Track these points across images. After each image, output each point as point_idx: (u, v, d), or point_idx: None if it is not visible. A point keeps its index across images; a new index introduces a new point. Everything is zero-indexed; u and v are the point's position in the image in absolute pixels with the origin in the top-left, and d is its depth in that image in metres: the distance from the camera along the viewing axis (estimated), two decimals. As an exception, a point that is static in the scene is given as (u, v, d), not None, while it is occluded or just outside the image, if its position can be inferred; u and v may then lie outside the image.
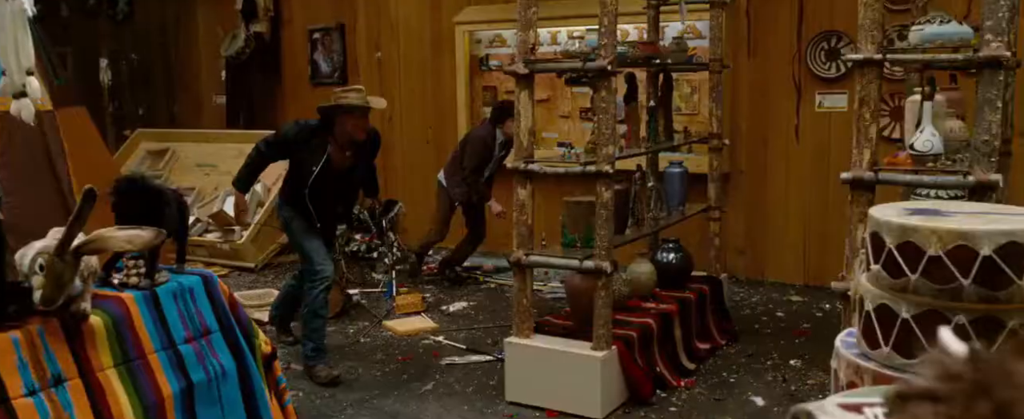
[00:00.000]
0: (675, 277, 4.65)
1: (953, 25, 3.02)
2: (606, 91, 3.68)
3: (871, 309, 1.58)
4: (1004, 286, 1.42)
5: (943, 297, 1.46)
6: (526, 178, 3.88)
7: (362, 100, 4.16)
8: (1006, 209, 1.63)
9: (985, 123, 2.82)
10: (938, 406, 0.63)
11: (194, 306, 2.61)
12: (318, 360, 4.25)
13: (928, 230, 1.46)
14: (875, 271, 1.57)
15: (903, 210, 1.60)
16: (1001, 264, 1.42)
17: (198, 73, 8.57)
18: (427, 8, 7.06)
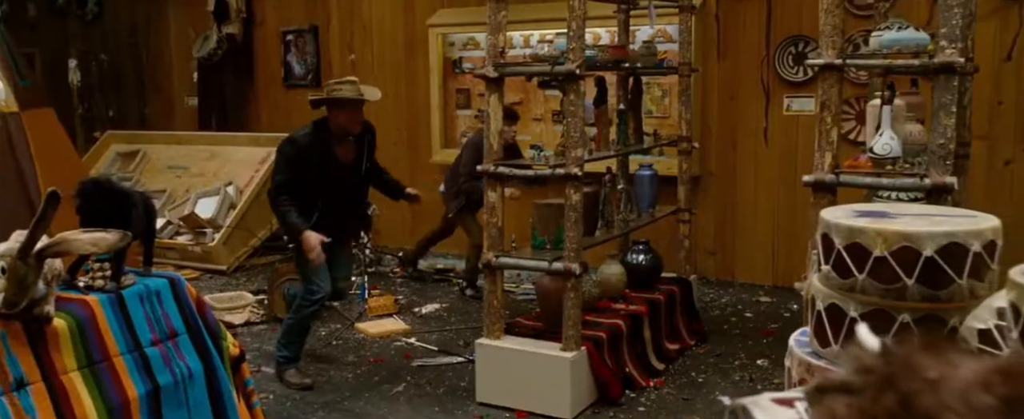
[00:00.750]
0: (645, 278, 4.70)
1: (910, 31, 3.09)
2: (574, 94, 3.72)
3: (822, 309, 1.62)
4: (945, 285, 1.47)
5: (889, 296, 1.51)
6: (496, 181, 3.91)
7: (355, 92, 4.03)
8: (950, 211, 1.69)
9: (941, 127, 2.89)
10: (851, 398, 0.66)
11: (161, 308, 2.61)
12: (291, 366, 4.23)
13: (874, 232, 1.51)
14: (825, 271, 1.62)
15: (852, 212, 1.65)
16: (942, 264, 1.47)
17: (170, 74, 8.50)
18: (400, 10, 7.07)
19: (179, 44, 8.31)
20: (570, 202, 3.74)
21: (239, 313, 5.23)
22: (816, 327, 1.65)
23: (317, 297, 4.12)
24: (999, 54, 4.89)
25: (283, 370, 4.23)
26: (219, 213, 6.57)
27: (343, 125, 4.04)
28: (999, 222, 1.55)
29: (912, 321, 1.50)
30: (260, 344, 4.89)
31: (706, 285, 5.92)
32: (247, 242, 6.59)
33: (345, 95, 4.00)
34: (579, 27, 3.68)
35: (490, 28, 3.82)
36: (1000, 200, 5.08)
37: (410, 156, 7.09)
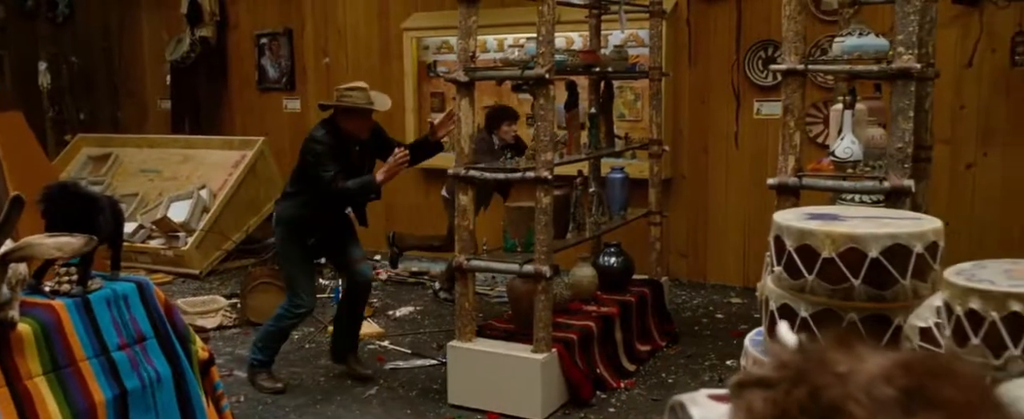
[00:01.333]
0: (616, 280, 4.75)
1: (871, 38, 3.17)
2: (544, 98, 3.76)
3: (775, 309, 1.67)
4: (890, 285, 1.52)
5: (837, 297, 1.56)
6: (467, 184, 3.93)
7: (365, 100, 3.97)
8: (897, 213, 1.74)
9: (899, 131, 2.96)
10: (767, 391, 0.70)
11: (128, 313, 2.61)
12: (263, 369, 4.22)
13: (823, 234, 1.56)
14: (778, 272, 1.67)
15: (803, 214, 1.70)
16: (887, 265, 1.52)
17: (142, 77, 8.44)
18: (375, 14, 7.08)
19: (152, 47, 8.26)
20: (540, 205, 3.78)
21: (212, 317, 5.22)
22: (769, 327, 1.70)
23: (300, 311, 4.10)
24: (961, 60, 5.00)
25: (255, 373, 4.22)
26: (192, 217, 6.53)
27: (352, 131, 4.00)
28: (941, 224, 1.61)
29: (859, 320, 1.55)
30: (233, 348, 4.88)
31: (678, 287, 5.98)
32: (220, 246, 6.56)
33: (355, 103, 3.94)
34: (549, 32, 3.73)
35: (461, 32, 3.86)
36: (962, 203, 5.20)
37: (385, 159, 7.08)
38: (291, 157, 7.59)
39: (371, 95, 4.03)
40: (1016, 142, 4.96)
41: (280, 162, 7.36)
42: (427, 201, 6.80)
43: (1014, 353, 1.14)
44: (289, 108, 7.68)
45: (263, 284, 5.32)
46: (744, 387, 0.73)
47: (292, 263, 4.14)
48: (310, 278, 4.21)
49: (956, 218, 5.23)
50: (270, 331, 4.20)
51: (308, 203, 4.04)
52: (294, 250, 4.11)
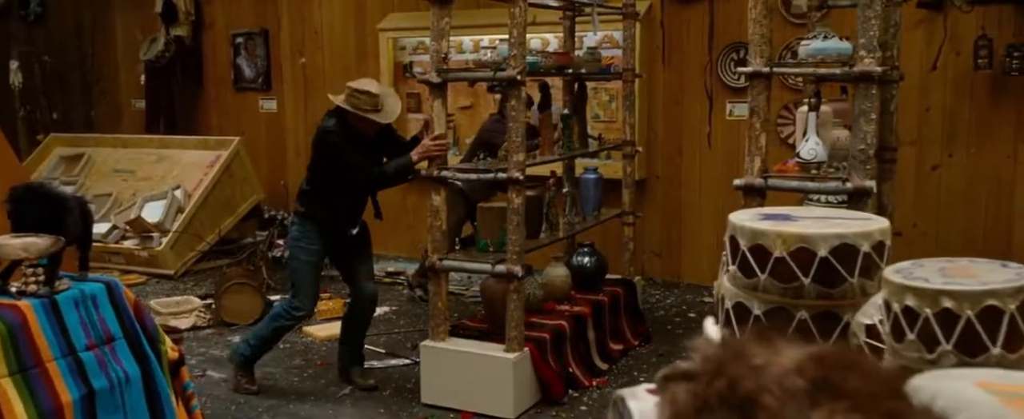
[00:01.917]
0: (590, 280, 4.79)
1: (834, 41, 3.23)
2: (516, 100, 3.79)
3: (729, 307, 1.71)
4: (839, 284, 1.57)
5: (788, 295, 1.61)
6: (439, 184, 3.95)
7: (371, 107, 3.82)
8: (849, 214, 1.79)
9: (861, 133, 3.02)
10: (690, 384, 0.74)
11: (97, 313, 2.61)
12: (247, 367, 4.15)
13: (774, 234, 1.61)
14: (732, 271, 1.71)
15: (757, 215, 1.74)
16: (835, 264, 1.57)
17: (116, 77, 8.37)
18: (351, 15, 7.08)
19: (126, 46, 8.20)
20: (513, 206, 3.81)
21: (185, 317, 5.20)
22: (724, 325, 1.74)
23: (298, 315, 4.04)
24: (926, 63, 5.09)
25: (239, 369, 4.17)
26: (166, 217, 6.50)
27: (358, 129, 3.90)
28: (888, 224, 1.66)
29: (809, 318, 1.60)
30: (206, 349, 4.87)
31: (653, 286, 6.04)
32: (195, 246, 6.53)
33: (360, 109, 3.82)
34: (521, 34, 3.76)
35: (433, 34, 3.88)
36: (928, 203, 5.30)
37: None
38: (268, 157, 7.63)
39: (381, 99, 3.88)
40: (979, 144, 5.07)
41: (256, 162, 7.35)
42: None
43: (946, 348, 1.19)
44: (265, 108, 7.66)
45: (237, 285, 5.31)
46: (670, 380, 0.76)
47: (301, 262, 4.04)
48: (315, 282, 4.09)
49: (922, 218, 5.34)
50: (262, 334, 4.13)
51: (330, 199, 3.97)
52: (305, 249, 4.02)
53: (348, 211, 4.07)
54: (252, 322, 5.22)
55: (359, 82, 3.96)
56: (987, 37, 4.77)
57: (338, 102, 3.89)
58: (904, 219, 5.20)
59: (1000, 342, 1.17)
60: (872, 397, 0.66)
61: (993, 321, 1.17)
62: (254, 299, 5.30)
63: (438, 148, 3.91)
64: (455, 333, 4.14)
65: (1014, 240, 5.00)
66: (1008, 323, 1.17)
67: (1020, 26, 4.74)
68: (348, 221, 4.09)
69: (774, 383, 0.69)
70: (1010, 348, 1.17)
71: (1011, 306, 1.17)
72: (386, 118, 3.90)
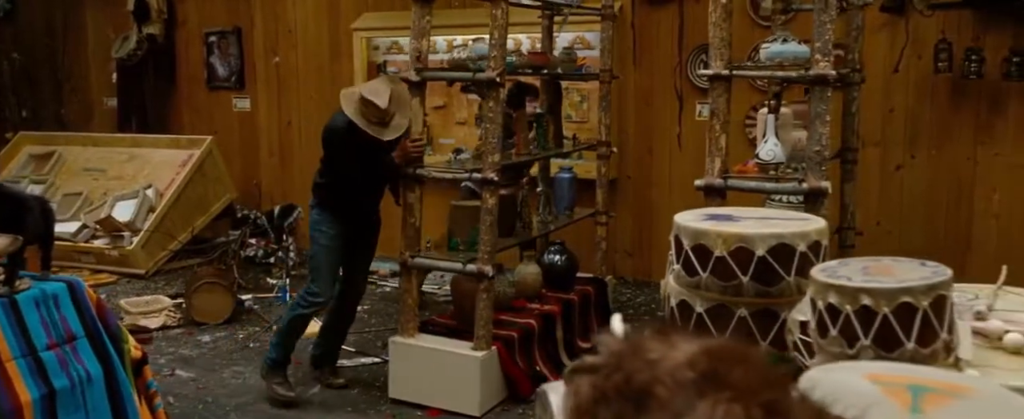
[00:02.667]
0: (560, 278, 4.83)
1: (792, 45, 3.30)
2: (493, 101, 3.79)
3: (674, 305, 1.76)
4: (776, 282, 1.62)
5: (728, 293, 1.66)
6: (415, 182, 3.96)
7: (379, 118, 3.75)
8: (788, 214, 1.85)
9: (817, 135, 3.09)
10: (592, 377, 0.78)
11: (58, 312, 2.62)
12: (277, 371, 4.05)
13: (715, 234, 1.66)
14: (677, 270, 1.76)
15: (701, 215, 1.80)
16: (773, 263, 1.62)
17: (88, 75, 8.30)
18: (324, 14, 7.07)
19: (98, 44, 8.13)
20: (486, 206, 3.82)
21: (155, 317, 5.18)
22: (669, 322, 1.79)
23: (317, 301, 3.97)
24: (890, 65, 5.19)
25: (271, 376, 4.04)
26: (137, 216, 6.47)
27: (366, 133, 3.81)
28: (825, 224, 1.71)
29: (749, 315, 1.65)
30: (175, 348, 4.86)
31: (624, 285, 6.10)
32: (166, 246, 6.50)
33: (367, 121, 3.74)
34: (502, 36, 3.76)
35: (413, 32, 3.87)
36: (892, 203, 5.40)
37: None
38: (241, 156, 7.61)
39: (389, 113, 3.76)
40: (940, 145, 5.17)
41: (229, 161, 7.32)
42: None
43: (865, 343, 1.24)
44: (239, 107, 7.64)
45: (208, 284, 5.30)
46: (575, 373, 0.81)
47: (319, 247, 4.00)
48: (334, 269, 4.03)
49: (886, 218, 5.44)
50: (282, 330, 4.07)
51: (343, 189, 3.97)
52: (325, 233, 3.98)
53: (364, 199, 4.07)
54: (222, 322, 5.23)
55: (373, 90, 3.82)
56: (947, 41, 4.87)
57: (348, 112, 3.79)
58: (868, 218, 5.30)
59: (914, 337, 1.23)
60: (752, 388, 0.70)
61: (907, 317, 1.23)
62: (225, 298, 5.30)
63: (416, 149, 3.91)
64: (425, 329, 4.16)
65: (973, 238, 5.11)
66: (921, 319, 1.23)
67: (978, 30, 4.85)
68: (366, 208, 4.10)
69: (667, 375, 0.74)
70: (923, 343, 1.23)
71: (924, 303, 1.22)
72: (388, 135, 3.80)
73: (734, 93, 5.63)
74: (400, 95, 3.90)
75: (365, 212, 4.11)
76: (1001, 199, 5.00)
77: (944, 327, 1.25)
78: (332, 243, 4.00)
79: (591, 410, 0.76)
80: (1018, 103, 4.90)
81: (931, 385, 0.96)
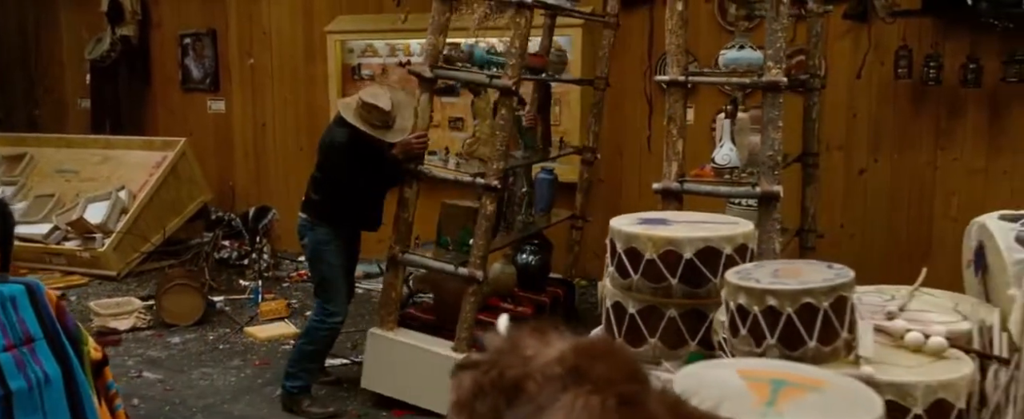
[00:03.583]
0: (533, 277, 4.88)
1: (747, 51, 3.38)
2: (506, 108, 3.76)
3: (609, 306, 1.82)
4: (703, 284, 1.68)
5: (658, 294, 1.72)
6: (413, 178, 3.94)
7: (381, 123, 3.75)
8: (720, 219, 1.91)
9: (769, 140, 3.16)
10: (473, 372, 0.84)
11: (16, 314, 2.63)
12: (305, 395, 3.97)
13: (645, 237, 1.72)
14: (611, 273, 1.82)
15: (634, 220, 1.85)
16: (700, 265, 1.68)
17: (61, 76, 8.27)
18: (299, 16, 7.10)
19: (71, 44, 8.10)
20: (484, 212, 3.78)
21: (125, 319, 5.19)
22: (606, 323, 1.85)
23: (335, 321, 3.91)
24: (854, 71, 5.28)
25: (297, 401, 3.92)
26: (109, 218, 6.46)
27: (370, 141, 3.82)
28: (752, 228, 1.77)
29: (678, 316, 1.71)
30: (144, 350, 4.87)
31: (594, 287, 6.15)
32: (139, 248, 6.50)
33: (368, 125, 3.74)
34: (523, 43, 3.72)
35: (431, 28, 3.81)
36: (856, 206, 5.50)
37: (310, 163, 7.10)
38: (216, 158, 7.61)
39: (393, 114, 3.78)
40: (901, 149, 5.27)
41: (203, 163, 7.32)
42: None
43: (771, 342, 1.30)
44: (213, 109, 7.64)
45: (179, 285, 5.32)
46: (460, 369, 0.86)
47: (328, 266, 3.89)
48: (346, 284, 3.98)
49: (850, 221, 5.53)
50: (304, 351, 3.94)
51: (342, 205, 3.91)
52: (331, 252, 3.89)
53: (363, 213, 4.01)
54: (193, 323, 5.24)
55: (373, 94, 3.83)
56: (907, 48, 4.97)
57: (350, 119, 3.79)
58: (833, 221, 5.39)
59: (816, 336, 1.29)
60: (610, 381, 0.76)
61: (809, 317, 1.29)
62: (195, 300, 5.31)
63: (419, 144, 3.86)
64: (404, 323, 4.15)
65: (933, 241, 5.21)
66: (822, 319, 1.29)
67: (937, 37, 4.95)
68: (366, 222, 4.04)
69: (538, 371, 0.79)
70: (824, 341, 1.29)
71: (825, 303, 1.29)
72: (395, 137, 3.81)
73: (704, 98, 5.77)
74: (399, 100, 3.94)
75: (372, 220, 4.05)
76: (960, 203, 5.10)
77: (844, 326, 1.31)
78: (339, 260, 3.95)
79: (470, 403, 0.82)
80: (975, 109, 5.01)
81: (792, 380, 1.02)
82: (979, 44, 4.82)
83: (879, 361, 1.32)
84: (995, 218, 1.62)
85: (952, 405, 1.24)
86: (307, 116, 7.20)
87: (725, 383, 0.93)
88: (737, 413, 0.89)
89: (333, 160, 3.88)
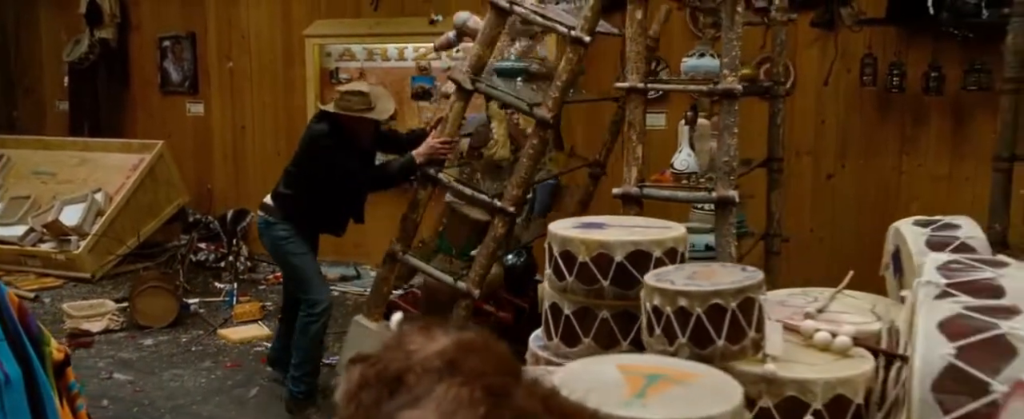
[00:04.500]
0: (519, 278, 4.90)
1: (707, 59, 3.45)
2: (539, 140, 3.73)
3: (547, 307, 1.88)
4: (633, 286, 1.74)
5: (591, 296, 1.78)
6: (430, 182, 3.92)
7: (364, 105, 3.75)
8: (654, 223, 1.97)
9: (726, 146, 3.23)
10: (362, 366, 0.89)
11: (-23, 315, 2.66)
12: (309, 403, 3.93)
13: (578, 240, 1.77)
14: (548, 275, 1.88)
15: (572, 224, 1.91)
16: (630, 268, 1.74)
17: (41, 77, 8.27)
18: (278, 20, 7.13)
19: (51, 46, 8.10)
20: (495, 233, 3.78)
21: (98, 321, 5.20)
22: (544, 323, 1.91)
23: (322, 308, 3.87)
24: (822, 78, 5.38)
25: (301, 409, 3.90)
26: (85, 220, 6.47)
27: (353, 135, 3.83)
28: (683, 231, 1.83)
29: (610, 317, 1.77)
30: (116, 351, 4.89)
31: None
32: (115, 250, 6.51)
33: (352, 110, 3.74)
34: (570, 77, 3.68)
35: (481, 38, 3.76)
36: (824, 211, 5.58)
37: (287, 164, 7.15)
38: (195, 161, 7.63)
39: (372, 98, 3.80)
40: (868, 155, 5.37)
41: (182, 165, 7.34)
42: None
43: (682, 341, 1.36)
44: (192, 112, 7.66)
45: (152, 287, 5.34)
46: (351, 363, 0.92)
47: (294, 256, 3.89)
48: (318, 271, 3.98)
49: (818, 225, 5.62)
50: (303, 350, 3.90)
51: (314, 204, 3.88)
52: (294, 244, 3.88)
53: (331, 215, 3.98)
54: (166, 325, 5.26)
55: (348, 86, 3.91)
56: (872, 56, 5.07)
57: (329, 109, 3.81)
58: (801, 225, 5.47)
59: (724, 335, 1.35)
60: (481, 374, 0.82)
61: (718, 317, 1.35)
62: (169, 302, 5.34)
63: (445, 150, 3.84)
64: (388, 317, 4.10)
65: (898, 246, 5.30)
66: (730, 319, 1.35)
67: (900, 46, 5.05)
68: (332, 225, 4.01)
69: (418, 364, 0.85)
70: (732, 340, 1.35)
71: (732, 304, 1.35)
72: (380, 115, 3.83)
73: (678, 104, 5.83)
74: (377, 91, 3.98)
75: (339, 224, 4.02)
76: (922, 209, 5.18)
77: (752, 326, 1.37)
78: (303, 248, 3.93)
79: (356, 394, 0.87)
80: (939, 117, 5.11)
81: (667, 374, 1.07)
82: (941, 53, 4.92)
83: (786, 359, 1.38)
84: (910, 224, 1.69)
85: (850, 400, 1.31)
86: (286, 119, 7.24)
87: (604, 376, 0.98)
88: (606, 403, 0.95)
89: (312, 152, 3.85)
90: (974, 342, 1.05)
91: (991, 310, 1.11)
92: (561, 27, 3.71)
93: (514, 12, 3.74)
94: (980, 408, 0.98)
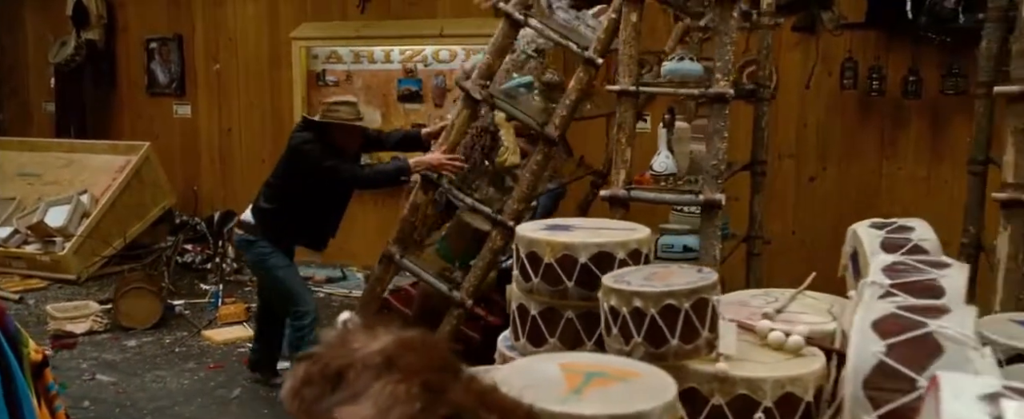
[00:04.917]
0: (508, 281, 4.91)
1: (688, 63, 3.47)
2: (543, 156, 3.74)
3: (514, 308, 1.91)
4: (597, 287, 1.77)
5: (556, 297, 1.80)
6: (431, 186, 3.92)
7: (354, 115, 3.84)
8: (619, 225, 1.99)
9: (714, 149, 3.25)
10: (308, 363, 0.92)
11: (-45, 317, 2.67)
12: None
13: (544, 242, 1.80)
14: (516, 276, 1.90)
15: (539, 226, 1.94)
16: (594, 269, 1.76)
17: (27, 79, 8.26)
18: (264, 22, 7.15)
19: (37, 47, 8.09)
20: (493, 245, 3.80)
21: (81, 322, 5.20)
22: (512, 324, 1.93)
23: (309, 319, 3.92)
24: (804, 81, 5.42)
25: None
26: (70, 222, 6.47)
27: (341, 145, 3.90)
28: (647, 233, 1.86)
29: (575, 317, 1.79)
30: (99, 353, 4.89)
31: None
32: (100, 252, 6.50)
33: (342, 119, 3.82)
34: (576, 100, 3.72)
35: (492, 48, 3.74)
36: (806, 212, 5.63)
37: (274, 166, 7.15)
38: (182, 162, 7.63)
39: (359, 107, 3.90)
40: (848, 158, 5.42)
41: (169, 167, 7.34)
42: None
43: (637, 341, 1.39)
44: (180, 113, 7.66)
45: (136, 289, 5.34)
46: (297, 361, 0.94)
47: (279, 268, 3.95)
48: (301, 281, 4.07)
49: (801, 227, 5.67)
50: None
51: (298, 215, 3.91)
52: (273, 256, 3.93)
53: (312, 228, 4.01)
54: (150, 327, 5.27)
55: (333, 98, 4.02)
56: (853, 59, 5.12)
57: (316, 119, 3.86)
58: (784, 227, 5.52)
59: (678, 335, 1.38)
60: (418, 370, 0.84)
61: (671, 317, 1.37)
62: (152, 303, 5.34)
63: (453, 168, 3.84)
64: (380, 310, 4.10)
65: (879, 248, 5.35)
66: (684, 319, 1.38)
67: (880, 49, 5.10)
68: (313, 239, 4.05)
69: (359, 362, 0.88)
70: (686, 340, 1.38)
71: (685, 305, 1.38)
72: (370, 123, 3.97)
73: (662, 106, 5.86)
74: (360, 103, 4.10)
75: (320, 237, 4.06)
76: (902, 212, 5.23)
77: (705, 326, 1.40)
78: (285, 260, 4.00)
79: (299, 390, 0.90)
80: (918, 120, 5.16)
81: (607, 371, 1.10)
82: (920, 57, 4.97)
83: (739, 358, 1.41)
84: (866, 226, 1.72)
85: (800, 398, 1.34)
86: (272, 121, 7.25)
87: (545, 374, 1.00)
88: (543, 400, 0.97)
89: (298, 157, 3.87)
90: (903, 340, 1.08)
91: (924, 310, 1.14)
92: (574, 46, 3.73)
93: (528, 26, 3.73)
94: (908, 403, 1.02)
